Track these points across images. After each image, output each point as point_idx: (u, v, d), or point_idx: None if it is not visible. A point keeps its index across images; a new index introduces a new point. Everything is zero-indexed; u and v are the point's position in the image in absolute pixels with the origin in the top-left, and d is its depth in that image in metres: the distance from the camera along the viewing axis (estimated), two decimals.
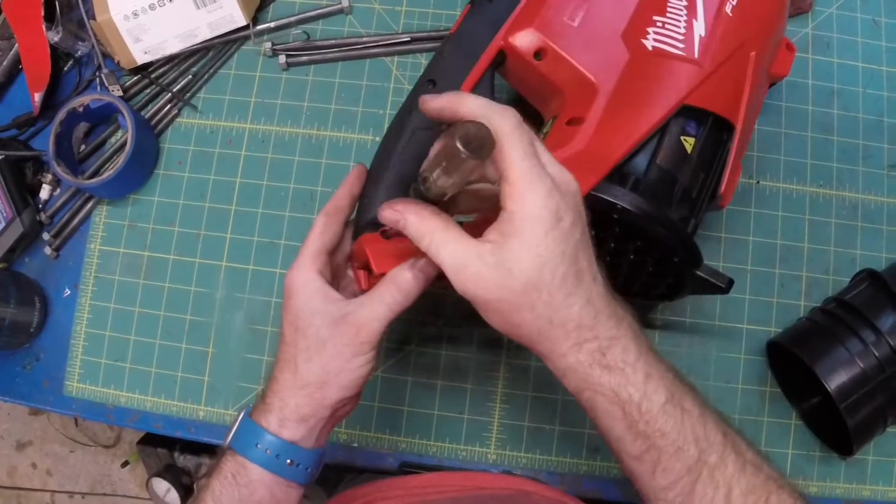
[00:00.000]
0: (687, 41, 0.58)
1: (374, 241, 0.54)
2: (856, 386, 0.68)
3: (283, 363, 0.53)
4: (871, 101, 0.80)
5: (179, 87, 0.82)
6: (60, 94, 0.84)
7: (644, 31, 0.58)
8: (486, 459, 0.75)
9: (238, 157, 0.81)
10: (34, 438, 1.75)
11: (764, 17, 0.61)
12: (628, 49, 0.58)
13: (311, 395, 0.51)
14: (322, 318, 0.52)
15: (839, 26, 0.82)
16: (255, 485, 0.51)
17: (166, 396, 0.78)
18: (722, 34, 0.58)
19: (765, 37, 0.62)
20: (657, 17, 0.58)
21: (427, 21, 0.82)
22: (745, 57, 0.59)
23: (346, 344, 0.51)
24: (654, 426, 0.45)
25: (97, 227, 0.81)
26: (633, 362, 0.46)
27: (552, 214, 0.43)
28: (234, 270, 0.79)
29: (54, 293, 0.81)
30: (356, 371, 0.51)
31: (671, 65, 0.57)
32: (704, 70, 0.57)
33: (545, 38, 0.58)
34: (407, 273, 0.51)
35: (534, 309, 0.45)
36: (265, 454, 0.51)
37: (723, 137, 0.60)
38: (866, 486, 0.74)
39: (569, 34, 0.58)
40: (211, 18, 0.80)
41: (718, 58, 0.58)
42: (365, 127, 0.81)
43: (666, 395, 0.46)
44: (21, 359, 0.80)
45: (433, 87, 0.59)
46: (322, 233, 0.57)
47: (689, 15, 0.58)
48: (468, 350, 0.76)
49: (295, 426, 0.51)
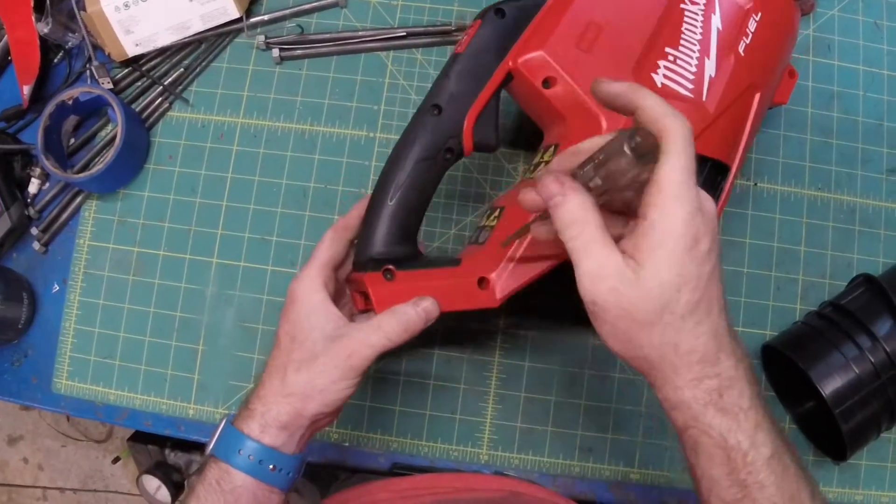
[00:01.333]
0: (696, 81, 0.57)
1: (377, 283, 0.55)
2: (851, 391, 0.67)
3: (273, 370, 0.54)
4: (872, 104, 0.80)
5: (171, 81, 0.81)
6: (50, 86, 0.83)
7: (655, 64, 0.57)
8: (479, 460, 0.75)
9: (230, 151, 0.80)
10: (26, 433, 1.74)
11: (776, 54, 0.61)
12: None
13: (293, 404, 0.53)
14: (320, 333, 0.54)
15: (840, 29, 0.81)
16: (238, 491, 0.52)
17: (156, 394, 0.77)
18: (731, 75, 0.57)
19: (772, 75, 0.61)
20: (669, 49, 0.57)
21: (423, 15, 0.81)
22: (750, 98, 0.59)
23: (336, 365, 0.52)
24: (755, 478, 0.43)
25: (86, 222, 0.80)
26: (746, 409, 0.44)
27: (693, 234, 0.41)
28: (225, 267, 0.78)
29: (43, 289, 0.80)
30: (339, 392, 0.53)
31: (678, 107, 0.56)
32: (709, 116, 0.56)
33: (555, 65, 0.56)
34: (410, 310, 0.54)
35: (663, 331, 0.43)
36: (248, 460, 0.52)
37: (717, 179, 0.60)
38: (859, 490, 0.74)
39: (580, 63, 0.57)
40: (203, 10, 0.78)
41: (725, 102, 0.57)
42: (359, 123, 0.79)
43: (772, 449, 0.44)
44: (9, 355, 0.79)
45: (439, 113, 0.57)
46: (329, 247, 0.58)
47: (701, 51, 0.57)
48: (461, 350, 0.76)
49: (276, 432, 0.53)
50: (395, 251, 0.57)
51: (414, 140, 0.57)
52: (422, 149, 0.57)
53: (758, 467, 0.43)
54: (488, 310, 0.74)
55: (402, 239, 0.57)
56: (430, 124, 0.57)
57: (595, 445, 0.74)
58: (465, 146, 0.58)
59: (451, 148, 0.58)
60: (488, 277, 0.56)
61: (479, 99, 0.57)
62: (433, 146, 0.57)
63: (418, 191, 0.57)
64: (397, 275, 0.55)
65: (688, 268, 0.41)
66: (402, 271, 0.56)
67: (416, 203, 0.58)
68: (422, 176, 0.57)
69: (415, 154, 0.57)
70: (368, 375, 0.74)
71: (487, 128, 0.58)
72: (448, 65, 0.59)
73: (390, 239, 0.57)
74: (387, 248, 0.57)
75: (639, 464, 0.74)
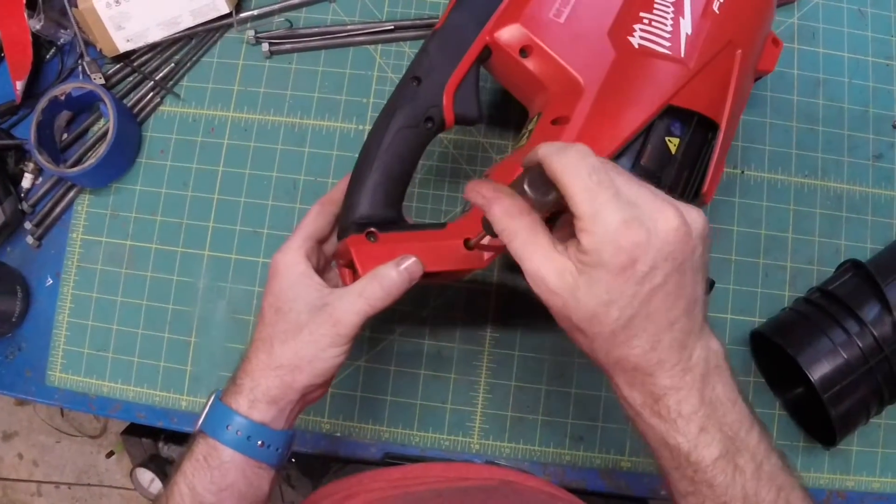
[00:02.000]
0: (673, 39, 0.57)
1: (360, 244, 0.55)
2: (839, 376, 0.68)
3: (259, 342, 0.53)
4: (857, 91, 0.80)
5: (162, 76, 0.81)
6: (43, 82, 0.84)
7: (631, 28, 0.57)
8: (470, 449, 0.75)
9: (221, 145, 0.81)
10: (20, 429, 1.74)
11: (751, 14, 0.61)
12: (614, 47, 0.57)
13: (283, 377, 0.52)
14: (304, 303, 0.53)
15: (825, 16, 0.82)
16: (226, 467, 0.51)
17: (149, 386, 0.77)
18: (709, 32, 0.58)
19: (752, 34, 0.61)
20: (644, 13, 0.58)
21: (411, 9, 0.82)
22: (731, 55, 0.59)
23: (324, 334, 0.52)
24: (701, 476, 0.43)
25: (79, 216, 0.81)
26: (688, 414, 0.43)
27: (625, 255, 0.40)
28: (216, 260, 0.79)
29: (36, 282, 0.81)
30: (329, 360, 0.52)
31: (657, 64, 0.57)
32: (690, 70, 0.57)
33: (531, 35, 0.58)
34: (391, 271, 0.53)
35: (594, 339, 0.43)
36: (236, 436, 0.51)
37: (707, 137, 0.60)
38: (850, 476, 0.75)
39: (555, 30, 0.58)
40: (193, 6, 0.79)
41: (704, 57, 0.57)
42: (348, 115, 0.80)
43: (721, 450, 0.43)
44: (3, 348, 0.80)
45: (418, 84, 0.58)
46: (314, 220, 0.58)
47: (675, 12, 0.58)
48: (451, 340, 0.76)
49: (265, 407, 0.52)
50: (378, 215, 0.57)
51: (395, 109, 0.58)
52: (403, 117, 0.57)
53: (703, 467, 0.43)
54: (477, 299, 0.76)
55: (385, 205, 0.57)
56: (410, 93, 0.58)
57: (585, 434, 0.75)
58: (446, 118, 0.58)
59: (432, 117, 0.58)
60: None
61: (457, 71, 0.58)
62: (414, 115, 0.58)
63: (400, 158, 0.58)
64: (380, 237, 0.55)
65: (619, 288, 0.41)
66: (386, 233, 0.55)
67: (399, 170, 0.58)
68: (404, 144, 0.58)
69: (396, 122, 0.57)
70: (360, 365, 0.76)
71: (468, 101, 0.59)
72: (427, 40, 0.60)
73: (373, 203, 0.57)
74: (370, 211, 0.56)
75: (629, 452, 0.74)
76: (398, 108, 0.58)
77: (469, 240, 0.56)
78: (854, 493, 0.75)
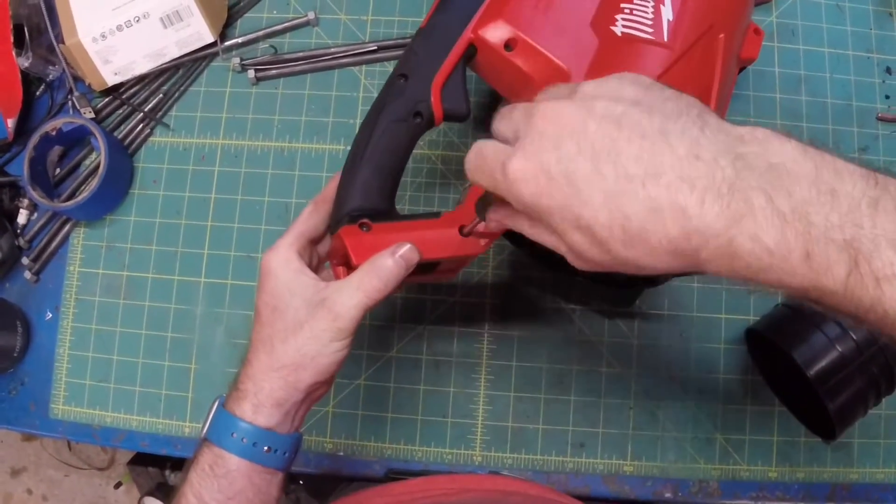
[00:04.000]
0: (656, 25, 0.57)
1: (353, 234, 0.54)
2: (835, 370, 0.68)
3: (259, 344, 0.52)
4: (839, 85, 0.81)
5: (151, 107, 0.82)
6: (33, 118, 0.85)
7: (612, 17, 0.58)
8: (472, 462, 0.75)
9: (212, 173, 0.82)
10: (28, 464, 1.74)
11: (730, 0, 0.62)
12: (598, 36, 0.58)
13: (286, 377, 0.51)
14: (301, 299, 0.52)
15: (803, 13, 0.82)
16: (233, 475, 0.51)
17: (151, 414, 0.78)
18: (690, 17, 0.58)
19: (732, 19, 0.62)
20: (625, 3, 0.58)
21: (393, 28, 0.83)
22: (714, 39, 0.59)
23: (324, 329, 0.50)
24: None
25: (75, 249, 0.82)
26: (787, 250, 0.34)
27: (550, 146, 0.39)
28: (212, 286, 0.79)
29: (36, 317, 0.81)
30: (332, 356, 0.51)
31: (641, 49, 0.57)
32: (675, 53, 0.57)
33: (514, 29, 0.58)
34: (387, 260, 0.52)
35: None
36: (241, 443, 0.50)
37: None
38: (853, 468, 0.75)
39: (538, 23, 0.58)
40: (179, 37, 0.80)
41: (688, 40, 0.57)
42: (336, 137, 0.81)
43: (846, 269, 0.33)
44: (6, 384, 0.81)
45: (405, 80, 0.58)
46: (307, 218, 0.57)
47: (656, 0, 0.59)
48: (448, 354, 0.77)
49: (270, 411, 0.51)
50: (370, 207, 0.56)
51: (384, 104, 0.58)
52: (392, 112, 0.57)
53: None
54: (473, 308, 0.76)
55: (378, 197, 0.57)
56: (398, 89, 0.58)
57: (587, 440, 0.75)
58: (434, 113, 0.58)
59: (421, 112, 0.58)
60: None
61: (443, 67, 0.58)
62: (403, 109, 0.58)
63: (391, 152, 0.58)
64: (374, 227, 0.54)
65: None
66: (379, 223, 0.55)
67: (390, 164, 0.58)
68: (393, 138, 0.57)
69: (386, 117, 0.57)
70: (359, 383, 0.76)
71: (455, 96, 0.59)
72: (412, 39, 0.60)
73: (366, 196, 0.56)
74: (361, 203, 0.56)
75: (631, 456, 0.75)
76: (387, 103, 0.58)
77: (464, 227, 0.56)
78: (858, 486, 0.75)
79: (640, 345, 0.76)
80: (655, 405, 0.75)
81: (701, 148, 0.36)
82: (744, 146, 0.36)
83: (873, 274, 0.32)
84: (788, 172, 0.34)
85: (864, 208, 0.33)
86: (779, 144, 0.36)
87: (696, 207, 0.35)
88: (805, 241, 0.33)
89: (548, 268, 0.73)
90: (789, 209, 0.34)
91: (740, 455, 0.74)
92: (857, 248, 0.33)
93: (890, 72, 0.81)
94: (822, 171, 0.34)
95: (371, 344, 0.77)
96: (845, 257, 0.33)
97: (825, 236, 0.33)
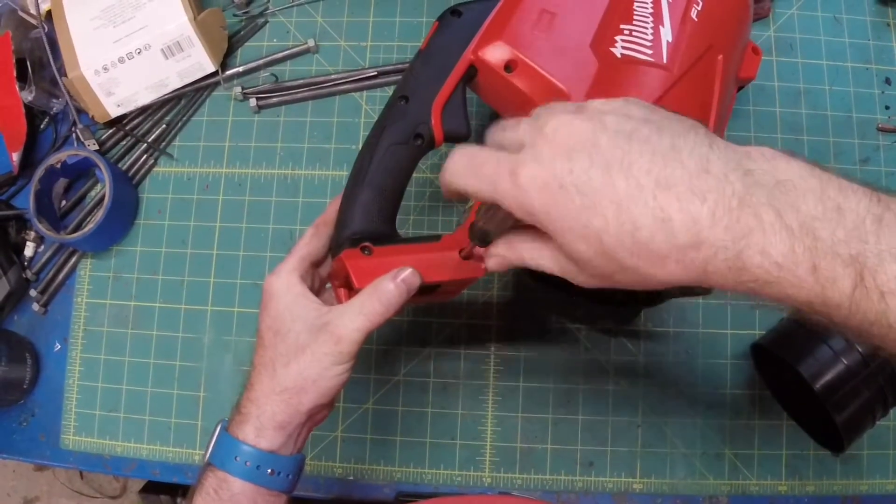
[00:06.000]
0: (655, 47, 0.58)
1: (355, 257, 0.54)
2: (841, 382, 0.68)
3: (261, 367, 0.53)
4: (839, 98, 0.81)
5: (154, 137, 0.83)
6: (38, 151, 0.86)
7: (612, 39, 0.58)
8: (482, 483, 0.75)
9: (216, 202, 0.82)
10: (41, 494, 1.74)
11: (729, 20, 0.62)
12: (597, 58, 0.58)
13: (288, 401, 0.51)
14: (303, 323, 0.52)
15: (801, 27, 0.83)
16: (237, 498, 0.51)
17: (161, 443, 0.78)
18: (689, 39, 0.58)
19: (731, 40, 0.62)
20: (624, 24, 0.59)
21: (392, 54, 0.83)
22: (713, 60, 0.60)
23: (326, 353, 0.51)
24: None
25: (83, 280, 0.82)
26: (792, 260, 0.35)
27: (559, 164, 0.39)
28: (219, 314, 0.80)
29: (45, 348, 0.82)
30: (334, 379, 0.52)
31: (641, 70, 0.57)
32: (674, 74, 0.57)
33: (514, 50, 0.58)
34: (389, 284, 0.52)
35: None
36: (245, 466, 0.51)
37: None
38: (863, 480, 0.74)
39: (538, 45, 0.59)
40: (180, 67, 0.81)
41: (687, 62, 0.58)
42: (339, 163, 0.81)
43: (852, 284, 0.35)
44: (16, 415, 0.81)
45: (406, 102, 0.59)
46: (309, 242, 0.58)
47: (655, 21, 0.59)
48: (455, 376, 0.77)
49: (272, 434, 0.51)
50: (372, 230, 0.56)
51: (384, 126, 0.58)
52: (393, 134, 0.58)
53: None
54: (479, 329, 0.77)
55: (379, 220, 0.57)
56: (399, 112, 0.58)
57: (595, 459, 0.75)
58: (435, 135, 0.59)
59: (422, 134, 0.58)
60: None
61: (443, 88, 0.59)
62: (403, 131, 0.58)
63: (392, 174, 0.58)
64: (375, 250, 0.54)
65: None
66: (381, 247, 0.55)
67: (391, 186, 0.58)
68: (394, 160, 0.58)
69: (386, 139, 0.58)
70: (368, 408, 0.76)
71: (456, 117, 0.59)
72: (412, 61, 0.61)
73: (367, 219, 0.56)
74: (363, 226, 0.56)
75: (641, 474, 0.75)
76: (387, 125, 0.58)
77: (464, 249, 0.56)
78: (868, 497, 0.74)
79: (647, 362, 0.76)
80: (663, 422, 0.75)
81: (710, 163, 0.37)
82: (751, 162, 0.37)
83: (878, 288, 0.34)
84: (795, 189, 0.35)
85: (869, 225, 0.34)
86: (785, 162, 0.37)
87: (706, 219, 0.36)
88: (812, 255, 0.34)
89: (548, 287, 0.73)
90: (797, 224, 0.35)
91: (749, 470, 0.74)
92: (863, 263, 0.34)
93: (889, 82, 0.81)
94: (826, 188, 0.35)
95: (378, 368, 0.77)
96: (851, 272, 0.34)
97: (832, 251, 0.34)
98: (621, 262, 0.38)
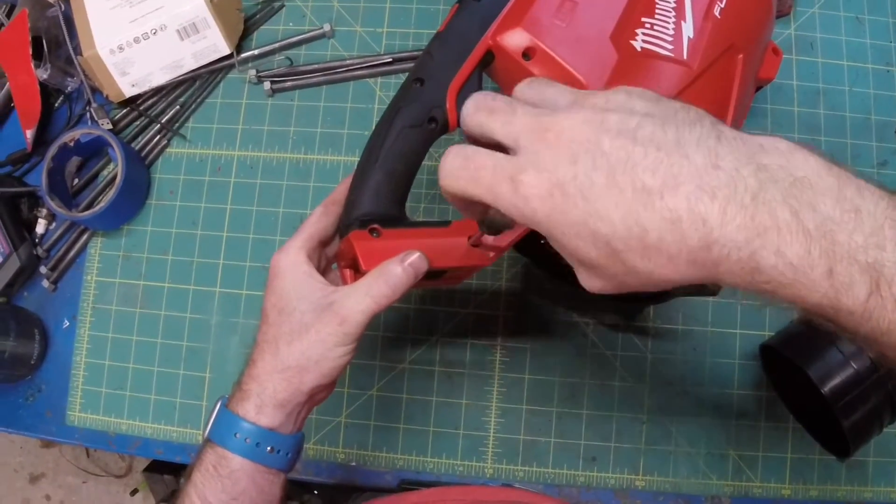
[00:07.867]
0: (675, 42, 0.57)
1: (363, 239, 0.54)
2: (850, 387, 0.67)
3: (264, 345, 0.53)
4: (858, 99, 0.80)
5: (168, 118, 0.83)
6: (52, 129, 0.86)
7: (633, 32, 0.57)
8: (484, 474, 0.75)
9: (228, 184, 0.82)
10: (47, 471, 1.76)
11: (751, 20, 0.61)
12: (617, 50, 0.57)
13: (290, 379, 0.51)
14: (308, 303, 0.52)
15: (822, 26, 0.82)
16: (237, 475, 0.51)
17: (166, 422, 0.79)
18: (710, 36, 0.57)
19: (752, 39, 0.61)
20: (646, 18, 0.58)
21: (408, 41, 0.83)
22: (733, 59, 0.59)
23: (330, 333, 0.51)
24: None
25: (93, 258, 0.83)
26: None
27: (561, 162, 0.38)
28: (227, 296, 0.80)
29: (53, 325, 0.82)
30: (336, 360, 0.51)
31: (660, 65, 0.57)
32: (693, 71, 0.56)
33: (534, 38, 0.57)
34: (396, 267, 0.51)
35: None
36: (244, 443, 0.51)
37: None
38: (868, 487, 0.74)
39: (557, 34, 0.58)
40: (195, 49, 0.81)
41: (707, 59, 0.57)
42: (351, 149, 0.81)
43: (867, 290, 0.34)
44: (23, 391, 0.82)
45: (421, 85, 0.58)
46: (317, 220, 0.57)
47: (677, 16, 0.58)
48: (461, 366, 0.77)
49: (273, 412, 0.51)
50: (381, 212, 0.56)
51: (398, 108, 0.57)
52: (406, 116, 0.57)
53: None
54: (487, 320, 0.77)
55: (388, 203, 0.56)
56: (414, 94, 0.58)
57: (599, 454, 0.75)
58: (449, 120, 0.58)
59: (436, 118, 0.57)
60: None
61: (460, 72, 0.58)
62: (417, 114, 0.57)
63: (404, 157, 0.57)
64: (384, 233, 0.54)
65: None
66: (389, 229, 0.55)
67: (402, 169, 0.57)
68: (407, 143, 0.57)
69: (400, 121, 0.57)
70: (372, 394, 0.76)
71: None
72: (430, 44, 0.60)
73: (376, 201, 0.56)
74: (373, 208, 0.55)
75: (643, 471, 0.74)
76: (401, 107, 0.58)
77: (472, 236, 0.56)
78: None
79: (654, 359, 0.76)
80: (668, 420, 0.75)
81: (719, 157, 0.35)
82: (766, 156, 0.35)
83: (894, 297, 0.32)
84: (812, 187, 0.34)
85: (888, 230, 0.33)
86: (802, 158, 0.35)
87: (717, 218, 0.34)
88: (829, 259, 0.33)
89: (554, 277, 0.73)
90: (814, 226, 0.33)
91: (753, 472, 0.73)
92: (880, 271, 0.33)
93: None
94: (844, 188, 0.34)
95: (384, 355, 0.77)
96: (867, 279, 0.33)
97: (849, 256, 0.33)
98: (632, 266, 0.37)
